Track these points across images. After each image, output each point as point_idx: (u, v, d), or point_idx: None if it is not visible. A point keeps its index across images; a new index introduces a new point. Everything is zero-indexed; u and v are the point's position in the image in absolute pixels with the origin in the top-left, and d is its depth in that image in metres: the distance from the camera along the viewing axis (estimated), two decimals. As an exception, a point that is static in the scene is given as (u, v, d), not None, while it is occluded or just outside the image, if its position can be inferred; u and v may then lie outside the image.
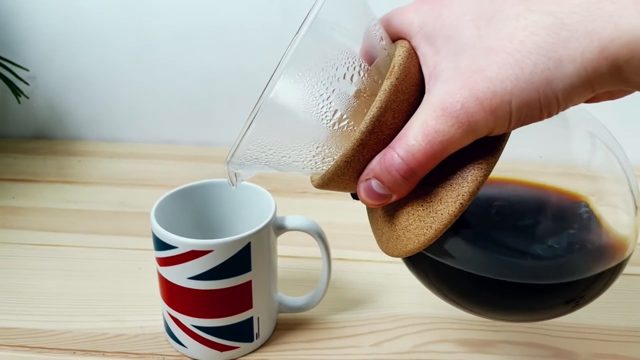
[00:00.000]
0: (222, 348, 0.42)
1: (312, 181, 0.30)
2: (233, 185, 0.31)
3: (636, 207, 0.31)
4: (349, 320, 0.47)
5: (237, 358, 0.43)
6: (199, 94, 0.77)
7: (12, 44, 0.75)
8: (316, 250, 0.44)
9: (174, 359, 0.43)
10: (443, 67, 0.26)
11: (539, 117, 0.25)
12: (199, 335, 0.42)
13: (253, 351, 0.44)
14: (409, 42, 0.29)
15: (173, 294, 0.41)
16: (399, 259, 0.32)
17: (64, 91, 0.78)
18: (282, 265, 0.48)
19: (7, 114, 0.79)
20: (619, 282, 0.51)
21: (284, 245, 0.47)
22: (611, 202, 0.32)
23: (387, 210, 0.30)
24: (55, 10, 0.73)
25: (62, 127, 0.80)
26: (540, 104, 0.24)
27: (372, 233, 0.32)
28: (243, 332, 0.42)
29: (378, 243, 0.31)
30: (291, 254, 0.54)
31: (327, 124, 0.28)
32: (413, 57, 0.28)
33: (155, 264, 0.42)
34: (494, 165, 0.27)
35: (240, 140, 0.27)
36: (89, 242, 0.57)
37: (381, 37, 0.29)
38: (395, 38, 0.30)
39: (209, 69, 0.75)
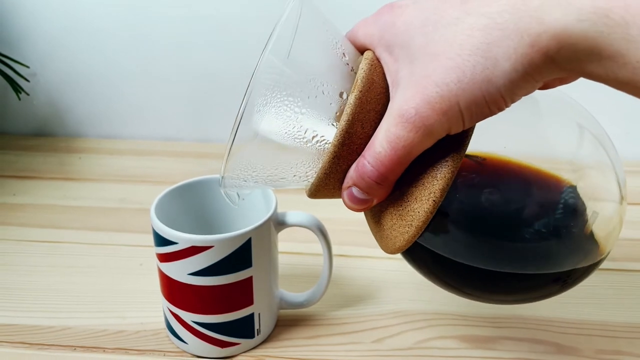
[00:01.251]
0: (222, 344, 0.42)
1: (305, 192, 0.32)
2: (235, 204, 0.33)
3: (622, 196, 0.32)
4: (350, 317, 0.47)
5: (238, 354, 0.43)
6: (200, 90, 0.76)
7: (13, 40, 0.75)
8: (317, 246, 0.44)
9: (175, 355, 0.43)
10: (402, 74, 0.28)
11: (489, 112, 0.27)
12: (199, 332, 0.41)
13: (254, 347, 0.43)
14: (374, 52, 0.30)
15: (173, 290, 0.41)
16: (400, 255, 0.33)
17: (65, 88, 0.78)
18: (283, 261, 0.48)
19: (7, 111, 0.79)
20: (622, 279, 0.51)
21: (285, 242, 0.47)
22: (597, 188, 0.33)
23: (375, 213, 0.32)
24: (56, 7, 0.73)
25: (62, 124, 0.79)
26: (486, 101, 0.26)
27: None
28: (244, 329, 0.42)
29: (377, 242, 0.33)
30: (292, 250, 0.54)
31: (300, 142, 0.29)
32: (376, 68, 0.29)
33: (156, 260, 0.42)
34: (461, 160, 0.28)
35: (225, 166, 0.30)
36: (89, 238, 0.57)
37: (344, 54, 0.30)
38: (362, 50, 0.31)
39: (210, 66, 0.75)
